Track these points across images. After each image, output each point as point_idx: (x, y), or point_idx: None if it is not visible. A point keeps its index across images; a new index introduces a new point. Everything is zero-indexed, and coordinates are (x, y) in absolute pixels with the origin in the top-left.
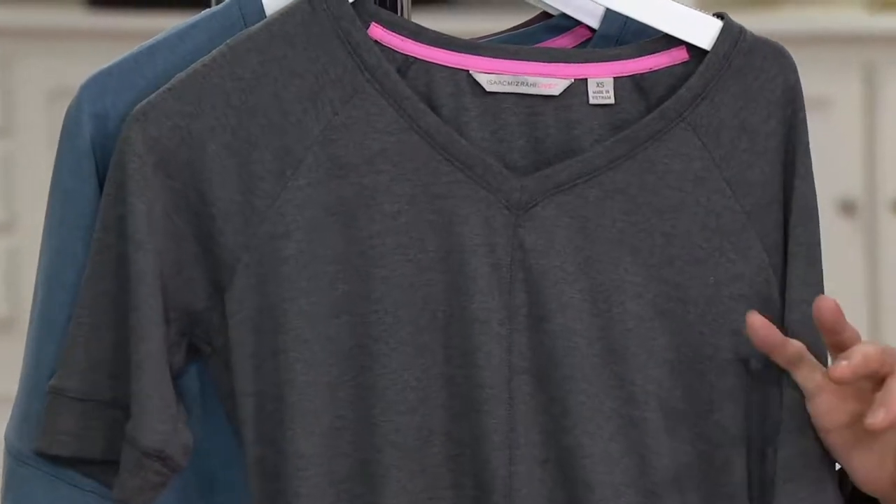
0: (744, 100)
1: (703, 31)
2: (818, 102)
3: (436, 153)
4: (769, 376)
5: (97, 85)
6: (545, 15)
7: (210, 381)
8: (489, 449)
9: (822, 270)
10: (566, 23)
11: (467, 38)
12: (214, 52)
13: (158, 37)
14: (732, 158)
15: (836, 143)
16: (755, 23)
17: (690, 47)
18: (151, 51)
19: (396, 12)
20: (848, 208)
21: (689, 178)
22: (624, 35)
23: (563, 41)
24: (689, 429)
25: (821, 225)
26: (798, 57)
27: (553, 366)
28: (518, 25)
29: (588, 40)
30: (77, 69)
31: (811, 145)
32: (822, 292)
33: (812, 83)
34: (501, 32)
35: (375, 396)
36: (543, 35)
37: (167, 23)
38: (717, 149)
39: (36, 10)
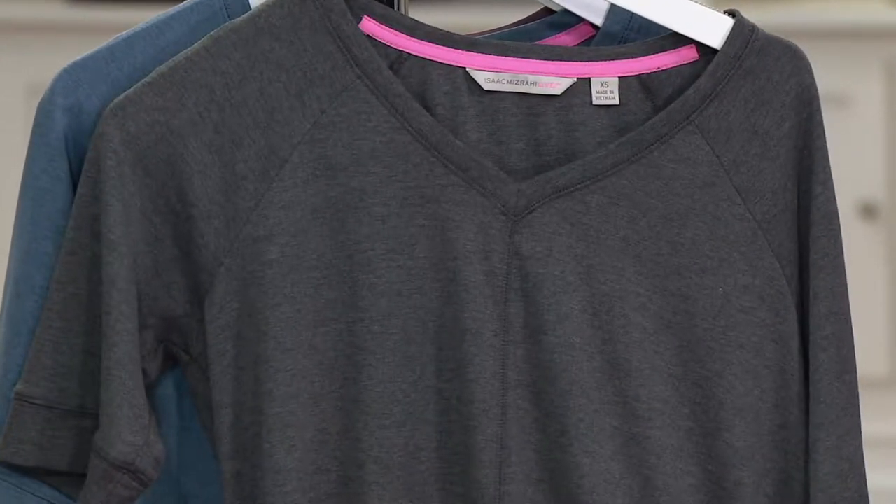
0: (755, 102)
1: (713, 29)
2: (838, 100)
3: (429, 154)
4: (785, 395)
5: (71, 77)
6: (547, 11)
7: (188, 392)
8: (478, 467)
9: (846, 282)
10: (568, 19)
11: (466, 33)
12: (197, 45)
13: (136, 27)
14: (743, 163)
15: (856, 142)
16: (773, 17)
17: (700, 46)
18: (129, 42)
19: (393, 7)
20: (869, 212)
21: (697, 184)
22: (628, 33)
23: (565, 38)
24: (697, 448)
25: (840, 229)
26: (817, 52)
27: (550, 380)
28: (519, 21)
29: (591, 38)
30: (57, 64)
31: (829, 145)
32: (848, 306)
33: (832, 80)
34: (501, 28)
35: (360, 409)
36: (545, 32)
37: (149, 17)
38: (727, 153)
39: (15, 4)
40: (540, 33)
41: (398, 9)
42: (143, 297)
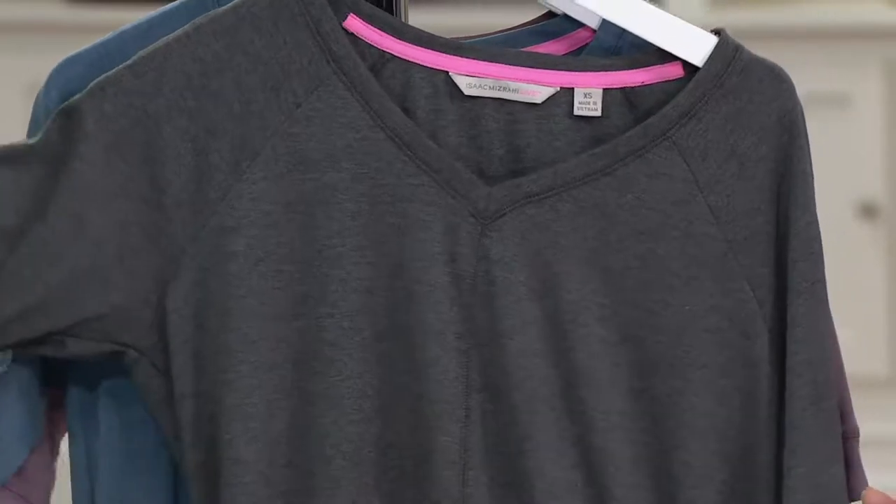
0: (734, 122)
1: (696, 47)
2: (837, 100)
3: (401, 154)
4: (753, 418)
5: (66, 72)
6: (550, 15)
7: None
8: (442, 467)
9: (828, 308)
10: (563, 27)
11: (466, 34)
12: (179, 31)
13: (130, 24)
14: (718, 183)
15: (855, 142)
16: (773, 17)
17: (686, 64)
18: (122, 38)
19: (393, 7)
20: (869, 212)
21: (671, 200)
22: (621, 46)
23: (556, 46)
24: (653, 464)
25: (840, 229)
26: (817, 52)
27: (511, 386)
28: (521, 24)
29: (582, 47)
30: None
31: (830, 145)
32: (830, 331)
33: (832, 80)
34: (498, 32)
35: (327, 404)
36: (537, 38)
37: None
38: (702, 172)
39: (15, 4)
40: (532, 39)
41: (398, 9)
42: (100, 284)
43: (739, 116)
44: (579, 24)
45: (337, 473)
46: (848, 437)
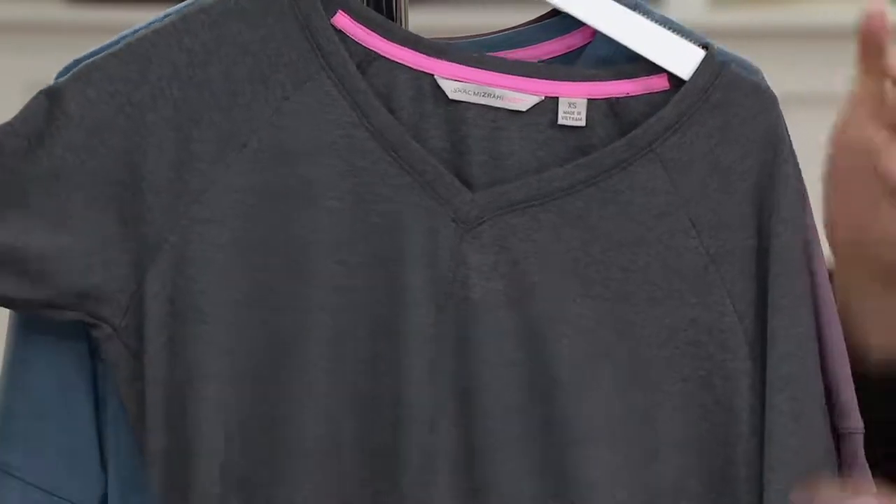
0: (719, 137)
1: (683, 59)
2: (836, 100)
3: (385, 154)
4: (733, 432)
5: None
6: (553, 13)
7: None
8: (404, 471)
9: (811, 323)
10: (563, 26)
11: (466, 34)
12: (167, 20)
13: (134, 28)
14: (700, 197)
15: None
16: (773, 17)
17: (672, 76)
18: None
19: (393, 6)
20: None
21: (653, 213)
22: (616, 56)
23: (553, 47)
24: (629, 476)
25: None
26: (817, 52)
27: (479, 394)
28: (522, 24)
29: (581, 48)
30: (57, 64)
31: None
32: (812, 347)
33: (832, 80)
34: (496, 32)
35: (294, 399)
36: (535, 37)
37: (147, 17)
38: (685, 185)
39: (15, 4)
40: (530, 39)
41: (398, 9)
42: (79, 265)
43: (724, 131)
44: (580, 24)
45: (300, 468)
46: (849, 431)
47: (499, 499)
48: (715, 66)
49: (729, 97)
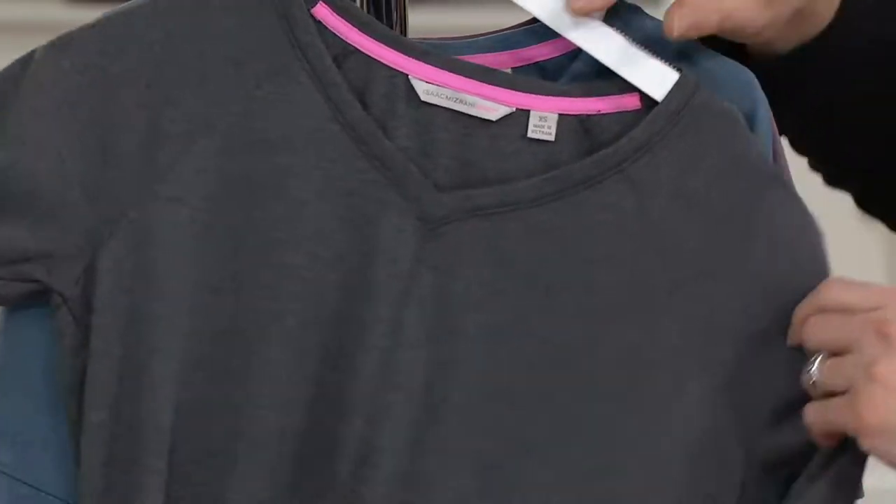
0: (687, 161)
1: (657, 80)
2: None
3: (355, 148)
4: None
5: None
6: None
7: None
8: (337, 460)
9: (784, 348)
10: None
11: (466, 34)
12: None
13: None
14: (666, 220)
15: None
16: None
17: (644, 97)
18: None
19: (392, 6)
20: None
21: (618, 232)
22: (603, 71)
23: (545, 49)
24: (578, 492)
25: (839, 230)
26: None
27: (428, 393)
28: (517, 24)
29: (570, 52)
30: None
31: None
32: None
33: None
34: (491, 32)
35: (242, 384)
36: (529, 39)
37: None
38: (652, 207)
39: (15, 4)
40: (525, 41)
41: (398, 9)
42: (33, 227)
43: (693, 156)
44: None
45: (240, 452)
46: None
47: (434, 494)
48: (689, 89)
49: (698, 122)
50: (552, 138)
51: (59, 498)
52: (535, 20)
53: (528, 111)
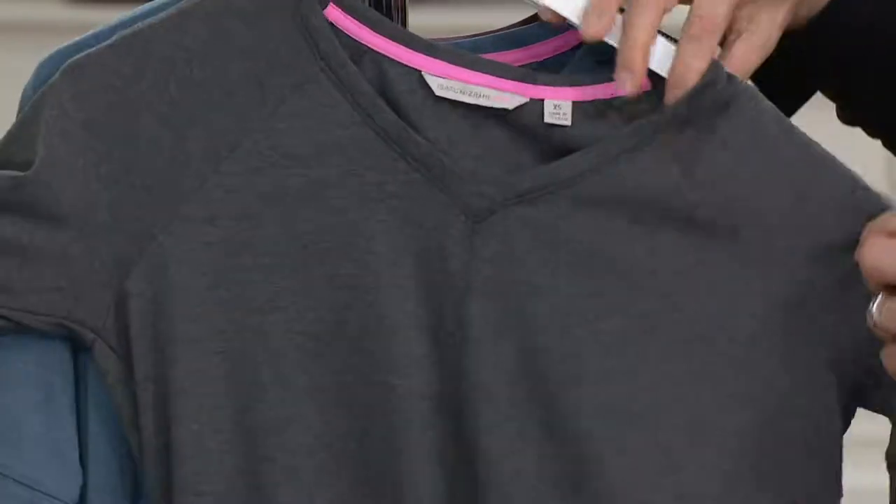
0: (720, 139)
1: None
2: None
3: (391, 151)
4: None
5: (55, 64)
6: None
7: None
8: (405, 475)
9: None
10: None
11: (466, 34)
12: (163, 15)
13: (121, 16)
14: (705, 189)
15: (856, 142)
16: None
17: (653, 78)
18: (113, 31)
19: (392, 5)
20: None
21: (669, 195)
22: (603, 62)
23: (544, 48)
24: (655, 483)
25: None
26: None
27: (516, 386)
28: (519, 22)
29: (565, 52)
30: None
31: (830, 145)
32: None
33: None
34: (491, 32)
35: (283, 405)
36: (529, 38)
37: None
38: (696, 178)
39: (15, 4)
40: (525, 39)
41: (398, 8)
42: (60, 256)
43: (725, 129)
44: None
45: (289, 466)
46: None
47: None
48: (711, 69)
49: (725, 100)
50: (569, 123)
51: (52, 496)
52: (529, 20)
53: (542, 100)
